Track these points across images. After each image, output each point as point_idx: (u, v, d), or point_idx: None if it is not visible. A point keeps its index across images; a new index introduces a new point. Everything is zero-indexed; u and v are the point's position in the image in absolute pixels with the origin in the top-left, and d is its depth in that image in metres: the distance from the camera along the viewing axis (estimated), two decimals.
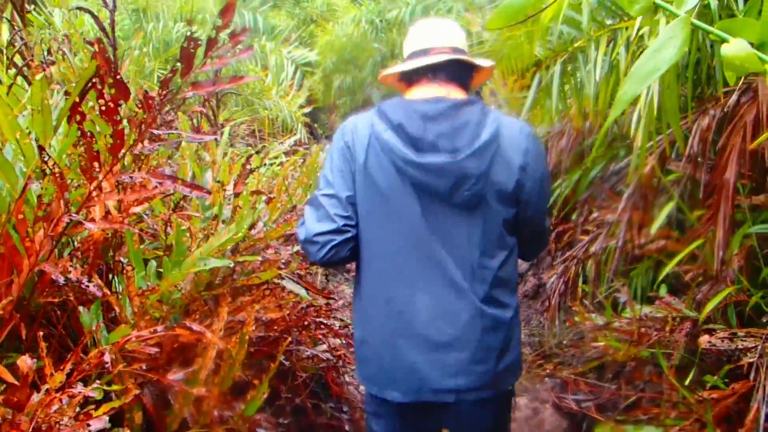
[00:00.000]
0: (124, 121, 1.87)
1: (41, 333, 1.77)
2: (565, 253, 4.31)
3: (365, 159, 1.64)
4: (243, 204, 2.12)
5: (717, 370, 2.20)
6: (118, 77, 1.78)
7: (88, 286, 1.86)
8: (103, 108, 1.81)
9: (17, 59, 3.06)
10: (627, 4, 0.78)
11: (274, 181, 3.01)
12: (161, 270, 2.20)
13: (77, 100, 1.85)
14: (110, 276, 2.33)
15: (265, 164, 4.93)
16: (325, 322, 2.28)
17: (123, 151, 1.88)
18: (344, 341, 2.46)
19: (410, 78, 1.72)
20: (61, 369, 1.66)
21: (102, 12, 5.25)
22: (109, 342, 1.87)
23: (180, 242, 2.11)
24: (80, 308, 2.01)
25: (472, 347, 1.62)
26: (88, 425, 1.44)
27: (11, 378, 1.59)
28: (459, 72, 1.69)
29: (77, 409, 1.51)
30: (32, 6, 5.38)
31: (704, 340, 2.08)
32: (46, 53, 3.30)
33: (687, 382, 2.17)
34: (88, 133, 1.85)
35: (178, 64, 1.85)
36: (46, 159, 1.79)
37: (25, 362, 1.61)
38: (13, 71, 2.81)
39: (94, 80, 1.88)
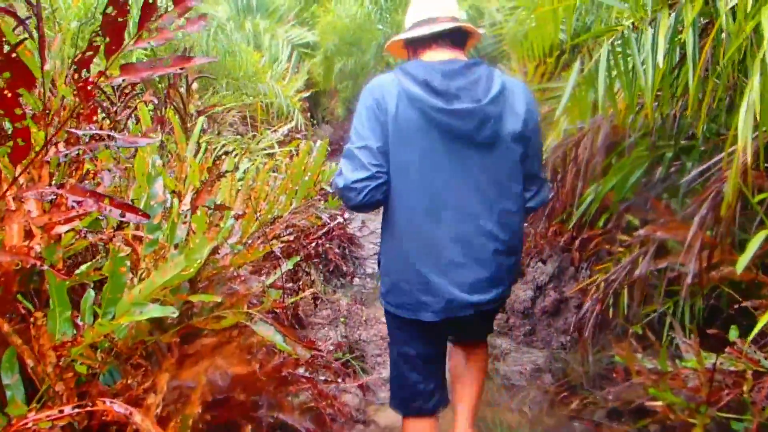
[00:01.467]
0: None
1: None
2: (590, 264, 3.80)
3: (396, 111, 1.87)
4: (197, 227, 1.61)
5: None
6: (13, 55, 1.26)
7: None
8: None
9: None
10: None
11: (255, 183, 2.49)
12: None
13: None
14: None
15: (249, 158, 4.41)
16: (308, 375, 1.78)
17: (28, 158, 1.38)
18: (331, 392, 1.96)
19: (417, 45, 2.01)
20: None
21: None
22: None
23: (117, 274, 1.61)
24: None
25: (491, 270, 1.94)
26: None
27: None
28: (458, 38, 2.00)
29: None
30: None
31: None
32: None
33: None
34: None
35: (98, 38, 1.33)
36: None
37: None
38: None
39: None
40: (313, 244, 3.10)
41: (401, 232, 1.95)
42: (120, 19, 1.26)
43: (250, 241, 2.20)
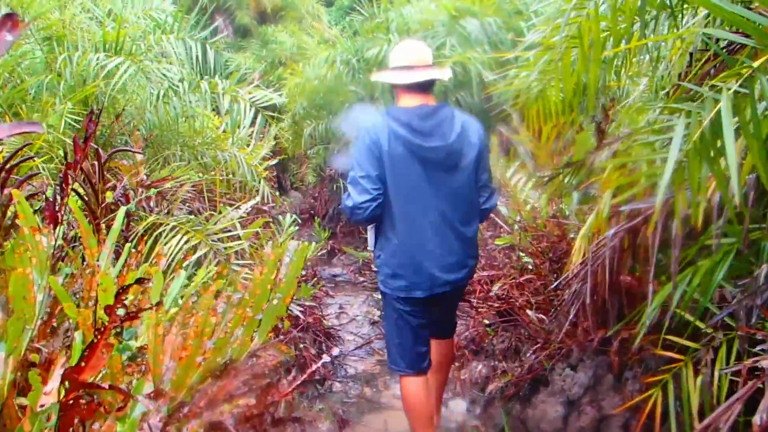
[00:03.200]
0: None
1: None
2: (638, 374, 3.03)
3: (388, 146, 2.66)
4: None
5: None
6: None
7: None
8: None
9: None
10: None
11: (196, 312, 1.66)
12: None
13: None
14: None
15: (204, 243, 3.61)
16: None
17: None
18: None
19: (397, 86, 2.82)
20: None
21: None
22: None
23: None
24: None
25: (459, 256, 2.83)
26: None
27: None
28: (429, 85, 2.79)
29: None
30: None
31: None
32: None
33: None
34: None
35: None
36: None
37: None
38: None
39: None
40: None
41: (397, 233, 2.75)
42: None
43: (186, 410, 1.37)
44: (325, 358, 2.08)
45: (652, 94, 3.94)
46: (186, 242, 3.78)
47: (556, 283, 2.90)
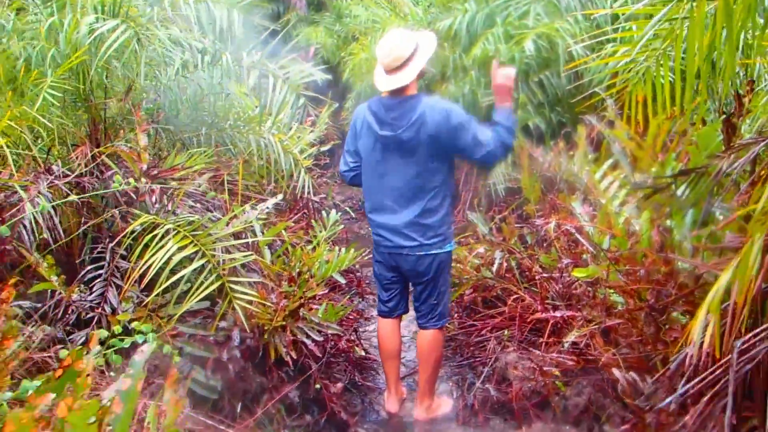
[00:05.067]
0: None
1: None
2: None
3: (360, 129, 3.29)
4: None
5: None
6: None
7: None
8: None
9: None
10: None
11: None
12: None
13: None
14: None
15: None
16: None
17: None
18: None
19: None
20: None
21: None
22: None
23: None
24: None
25: (408, 227, 3.19)
26: None
27: None
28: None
29: None
30: None
31: None
32: None
33: None
34: None
35: None
36: None
37: None
38: None
39: None
40: None
41: (366, 198, 3.39)
42: None
43: None
44: None
45: None
46: (178, 250, 3.04)
47: (668, 399, 1.90)
